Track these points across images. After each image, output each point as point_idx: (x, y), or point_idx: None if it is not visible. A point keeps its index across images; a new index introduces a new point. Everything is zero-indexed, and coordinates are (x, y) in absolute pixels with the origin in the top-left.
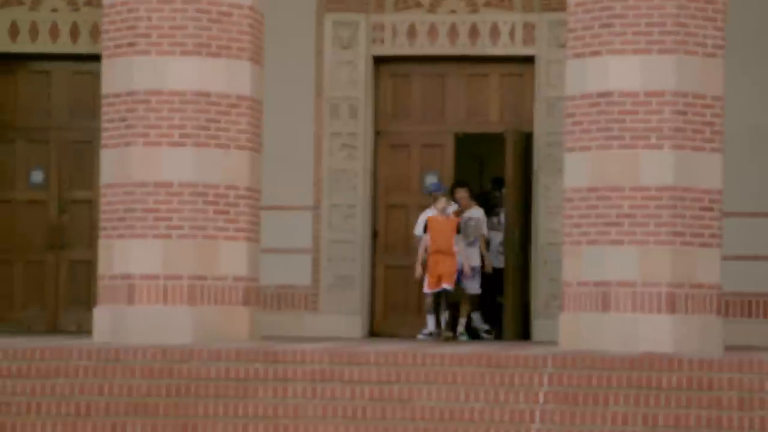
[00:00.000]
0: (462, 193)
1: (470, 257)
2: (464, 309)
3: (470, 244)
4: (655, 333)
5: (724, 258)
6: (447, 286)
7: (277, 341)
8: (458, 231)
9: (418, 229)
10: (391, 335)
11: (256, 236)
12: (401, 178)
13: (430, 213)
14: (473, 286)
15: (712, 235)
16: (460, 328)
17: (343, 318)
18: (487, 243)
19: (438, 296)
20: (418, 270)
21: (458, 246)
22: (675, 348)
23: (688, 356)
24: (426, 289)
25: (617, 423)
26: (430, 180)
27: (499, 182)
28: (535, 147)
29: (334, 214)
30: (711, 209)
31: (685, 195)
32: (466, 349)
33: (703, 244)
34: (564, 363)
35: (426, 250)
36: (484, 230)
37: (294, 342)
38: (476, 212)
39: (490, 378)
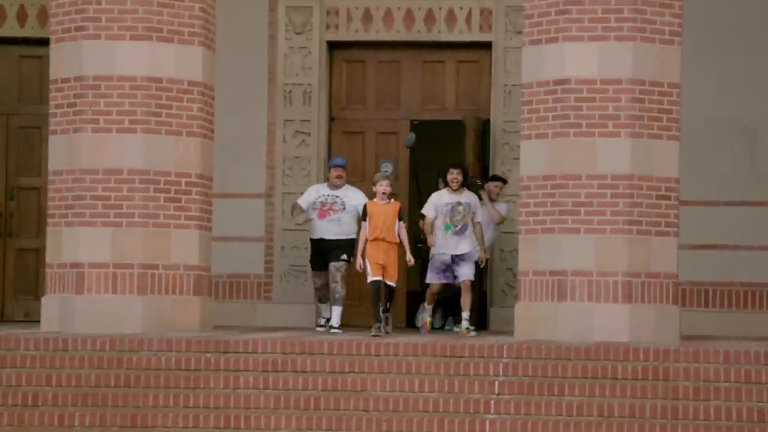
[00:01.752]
0: (454, 175)
1: (458, 245)
2: (466, 299)
3: (457, 232)
4: (611, 322)
5: (681, 247)
6: (390, 283)
7: (228, 331)
8: (400, 218)
9: (301, 200)
10: (346, 325)
11: (207, 224)
12: (356, 166)
13: (317, 189)
14: (467, 272)
15: (669, 224)
16: (466, 323)
17: (296, 308)
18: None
19: (378, 287)
20: (359, 260)
21: (401, 233)
22: (631, 337)
23: (644, 346)
24: (371, 277)
25: (572, 413)
26: (337, 159)
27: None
28: (492, 134)
29: (287, 201)
30: (668, 198)
31: (642, 183)
32: (420, 338)
33: (660, 233)
34: (519, 353)
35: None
36: (478, 216)
37: (246, 332)
38: (467, 197)
39: (444, 368)
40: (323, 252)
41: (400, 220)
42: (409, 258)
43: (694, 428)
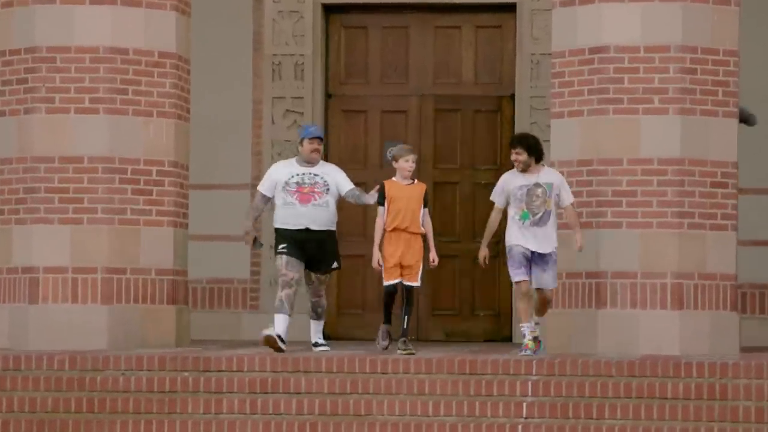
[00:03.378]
0: (514, 156)
1: (539, 241)
2: (542, 311)
3: (537, 222)
4: (659, 332)
5: (740, 243)
6: (410, 283)
7: (209, 346)
8: (424, 203)
9: (264, 185)
10: (347, 338)
11: (183, 221)
12: (357, 150)
13: (286, 167)
14: (548, 280)
15: (726, 216)
16: (536, 332)
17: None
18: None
19: (394, 292)
20: (376, 255)
21: (425, 223)
22: (682, 350)
23: (698, 359)
24: (386, 281)
25: None
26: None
27: None
28: (517, 112)
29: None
30: (725, 185)
31: (694, 168)
32: (435, 353)
33: (716, 227)
34: (551, 369)
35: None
36: (567, 198)
37: (230, 347)
38: (548, 176)
39: (464, 387)
40: (305, 245)
41: (425, 206)
42: (433, 257)
43: None
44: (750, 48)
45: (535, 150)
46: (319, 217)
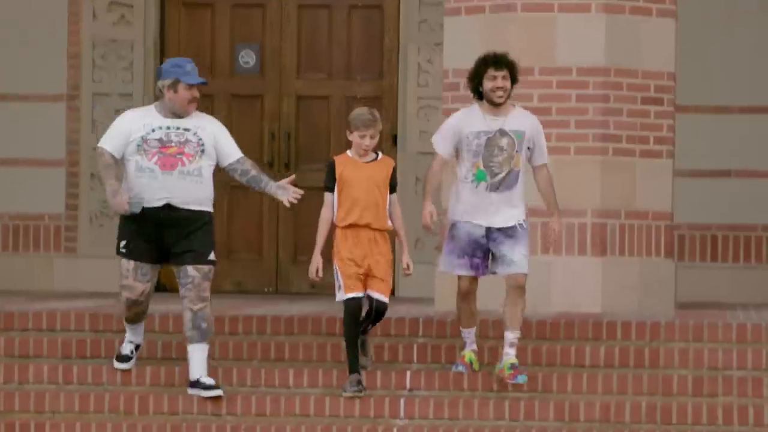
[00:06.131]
0: (498, 82)
1: (499, 211)
2: (514, 312)
3: (497, 185)
4: (576, 285)
5: (678, 174)
6: (379, 296)
7: (13, 298)
8: (392, 188)
9: (108, 140)
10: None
11: None
12: (201, 54)
13: (141, 118)
14: (518, 261)
15: (661, 141)
16: (510, 357)
17: (112, 264)
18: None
19: (359, 308)
20: (316, 261)
21: (394, 215)
22: (605, 307)
23: (624, 318)
24: (343, 293)
25: (519, 416)
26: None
27: None
28: (403, 8)
29: (99, 107)
30: (659, 102)
31: (622, 80)
32: (298, 308)
33: (648, 154)
34: (442, 330)
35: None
36: (542, 158)
37: (39, 300)
38: (518, 120)
39: (333, 352)
40: (164, 231)
41: (392, 191)
42: (407, 261)
43: None
44: None
45: (515, 77)
46: (188, 189)
